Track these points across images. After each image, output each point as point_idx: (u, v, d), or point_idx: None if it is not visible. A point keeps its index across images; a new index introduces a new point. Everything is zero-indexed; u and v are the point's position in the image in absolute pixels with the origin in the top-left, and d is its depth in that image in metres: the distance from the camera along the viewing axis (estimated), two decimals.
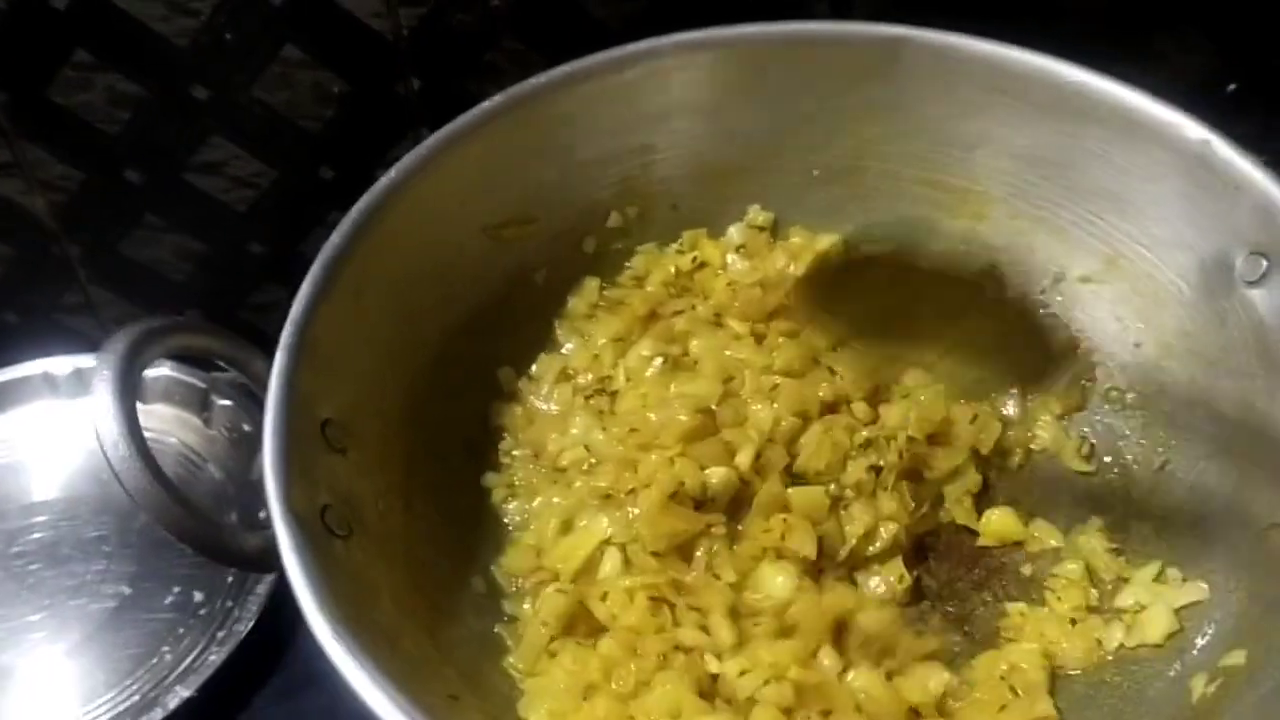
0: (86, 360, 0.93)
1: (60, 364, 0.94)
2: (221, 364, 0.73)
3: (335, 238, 0.67)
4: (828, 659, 0.65)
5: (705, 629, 0.65)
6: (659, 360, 0.75)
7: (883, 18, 0.76)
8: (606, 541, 0.67)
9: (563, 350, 0.79)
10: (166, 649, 0.81)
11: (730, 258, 0.81)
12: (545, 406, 0.76)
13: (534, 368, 0.78)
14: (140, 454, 0.56)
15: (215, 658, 0.78)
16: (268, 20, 0.81)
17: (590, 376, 0.77)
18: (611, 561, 0.67)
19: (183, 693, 0.77)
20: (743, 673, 0.64)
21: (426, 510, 0.70)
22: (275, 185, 0.91)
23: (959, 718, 0.65)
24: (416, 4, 0.82)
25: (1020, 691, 0.66)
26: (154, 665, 0.80)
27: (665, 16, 0.78)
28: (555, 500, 0.71)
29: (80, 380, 0.94)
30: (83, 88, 0.84)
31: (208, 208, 0.92)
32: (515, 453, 0.75)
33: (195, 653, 0.80)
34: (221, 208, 0.92)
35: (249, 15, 0.81)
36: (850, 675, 0.65)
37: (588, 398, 0.75)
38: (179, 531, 0.57)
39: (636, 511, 0.67)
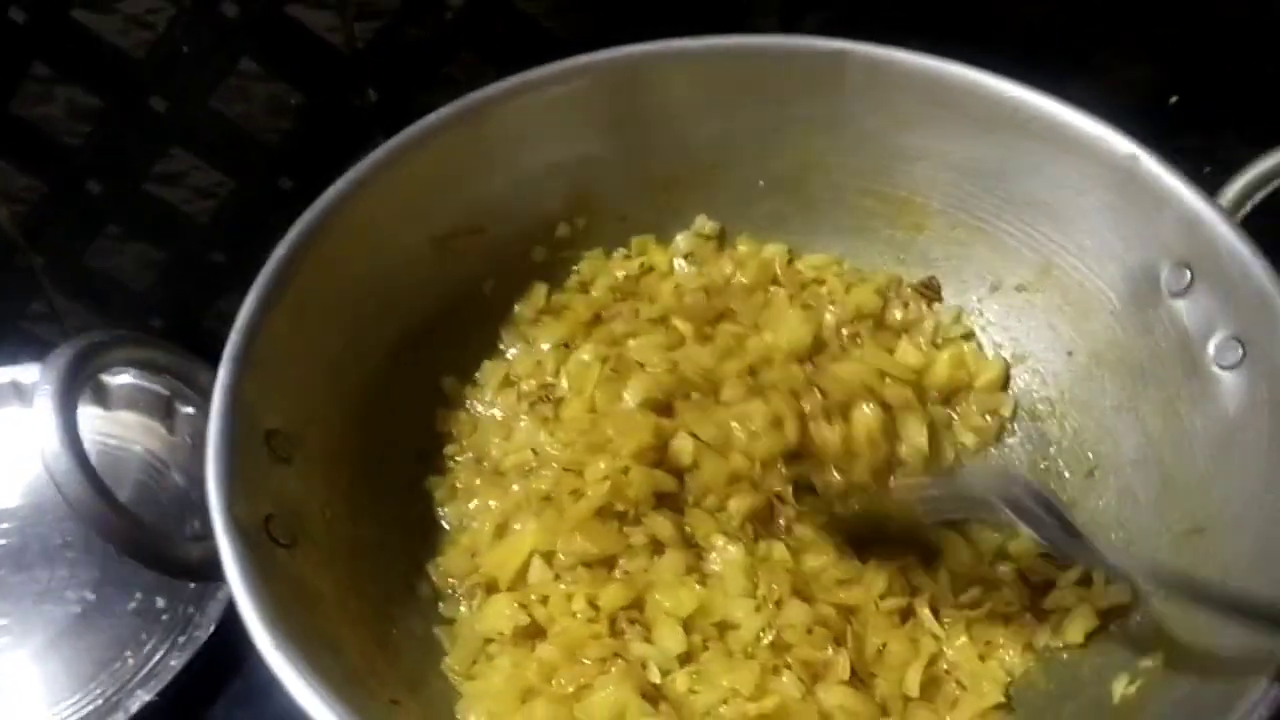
0: None
1: (27, 372, 0.95)
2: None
3: (281, 249, 0.68)
4: (792, 687, 0.64)
5: (649, 640, 0.66)
6: (600, 364, 0.75)
7: (831, 33, 0.77)
8: (534, 551, 0.68)
9: (507, 356, 0.79)
10: (129, 653, 0.82)
11: (678, 262, 0.82)
12: (489, 413, 0.77)
13: (478, 374, 0.79)
14: (81, 466, 0.57)
15: (176, 663, 0.79)
16: (223, 33, 0.82)
17: (533, 382, 0.77)
18: (538, 569, 0.68)
19: (144, 697, 0.78)
20: (692, 691, 0.64)
21: (373, 518, 0.70)
22: (235, 195, 0.91)
23: (912, 715, 0.66)
24: (371, 17, 0.82)
25: (967, 685, 0.67)
26: (116, 670, 0.81)
27: (617, 29, 0.79)
28: (491, 503, 0.72)
29: None
30: (43, 100, 0.85)
31: (169, 218, 0.92)
32: (459, 457, 0.76)
33: (157, 658, 0.81)
34: (182, 218, 0.92)
35: (205, 28, 0.82)
36: (819, 692, 0.64)
37: (531, 404, 0.75)
38: (119, 543, 0.58)
39: (562, 522, 0.68)
